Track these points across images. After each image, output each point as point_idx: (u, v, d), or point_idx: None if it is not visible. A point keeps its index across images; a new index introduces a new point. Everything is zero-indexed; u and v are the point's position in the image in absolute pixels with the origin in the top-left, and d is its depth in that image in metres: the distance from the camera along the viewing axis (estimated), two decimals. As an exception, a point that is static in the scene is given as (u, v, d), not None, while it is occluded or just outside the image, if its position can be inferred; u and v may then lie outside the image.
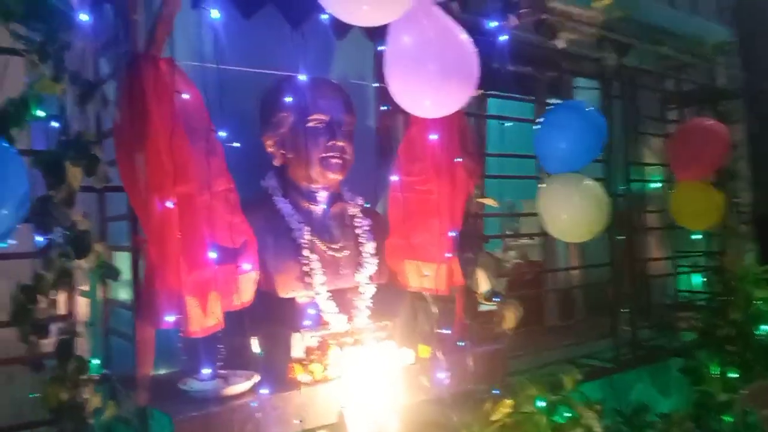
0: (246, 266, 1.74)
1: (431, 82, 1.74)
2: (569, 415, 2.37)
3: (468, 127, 2.37)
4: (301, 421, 1.70)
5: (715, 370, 3.24)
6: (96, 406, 1.38)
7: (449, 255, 2.09)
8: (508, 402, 2.27)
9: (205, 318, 1.57)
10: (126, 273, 1.68)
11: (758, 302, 3.50)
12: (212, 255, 1.61)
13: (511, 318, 2.34)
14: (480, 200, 2.49)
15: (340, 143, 2.00)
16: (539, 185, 2.63)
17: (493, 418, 2.24)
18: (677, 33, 3.29)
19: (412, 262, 2.13)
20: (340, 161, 2.00)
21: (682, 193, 3.22)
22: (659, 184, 3.72)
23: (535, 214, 2.64)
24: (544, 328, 3.40)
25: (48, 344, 1.41)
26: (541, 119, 2.63)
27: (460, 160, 2.20)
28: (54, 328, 1.42)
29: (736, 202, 3.81)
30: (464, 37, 1.79)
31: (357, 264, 2.05)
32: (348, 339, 1.93)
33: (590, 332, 3.31)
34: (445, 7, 1.85)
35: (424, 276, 2.10)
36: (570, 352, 3.14)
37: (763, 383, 3.21)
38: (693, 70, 3.78)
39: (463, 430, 2.21)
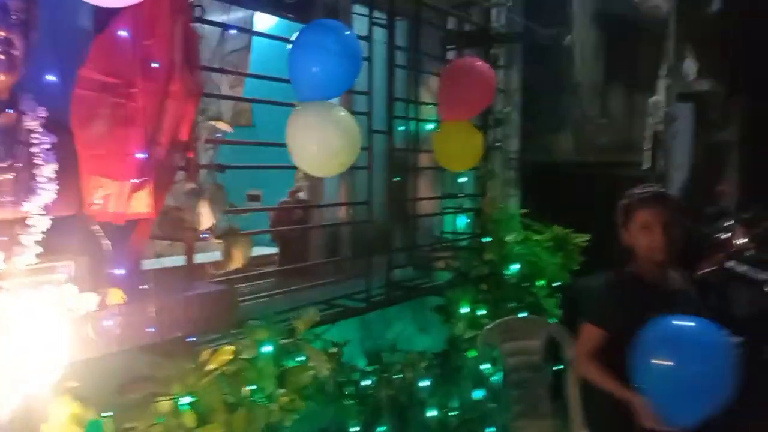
0: None
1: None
2: (300, 359, 2.24)
3: (195, 37, 2.03)
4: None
5: (465, 308, 3.34)
6: None
7: (143, 178, 1.76)
8: (229, 348, 2.06)
9: None
10: None
11: (511, 244, 3.69)
12: None
13: (238, 257, 2.10)
14: (213, 123, 2.18)
15: (3, 34, 1.56)
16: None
17: (210, 367, 2.02)
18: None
19: (97, 179, 1.77)
20: (2, 57, 1.57)
21: (444, 133, 3.19)
22: (433, 124, 3.70)
23: (284, 145, 2.40)
24: (305, 268, 3.27)
25: None
26: (293, 39, 2.36)
27: (181, 71, 1.88)
28: None
29: (500, 147, 3.93)
30: None
31: (27, 190, 1.65)
32: (3, 283, 1.55)
33: (351, 272, 3.24)
34: None
35: (106, 197, 1.76)
36: (329, 293, 3.03)
37: (508, 319, 3.39)
38: (473, 10, 3.76)
39: (175, 382, 1.96)
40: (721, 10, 7.26)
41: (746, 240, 6.30)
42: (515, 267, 3.61)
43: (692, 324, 2.01)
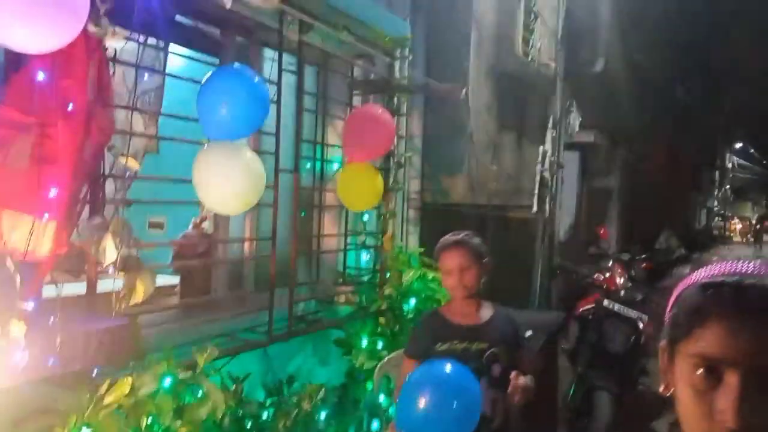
0: None
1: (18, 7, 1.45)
2: (199, 394, 2.30)
3: (108, 77, 2.11)
4: None
5: (364, 341, 3.50)
6: None
7: (55, 214, 1.81)
8: (127, 381, 2.09)
9: None
10: None
11: (410, 280, 3.90)
12: None
13: (141, 291, 2.15)
14: (122, 160, 2.24)
15: None
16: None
17: (108, 399, 2.05)
18: (360, 20, 3.42)
19: (10, 213, 1.80)
20: None
21: (346, 174, 3.38)
22: (338, 165, 3.89)
23: (189, 181, 2.49)
24: (207, 301, 3.30)
25: None
26: (203, 81, 2.48)
27: (94, 110, 1.95)
28: None
29: (401, 188, 4.17)
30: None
31: (-74, 222, 1.66)
32: None
33: (254, 305, 3.31)
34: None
35: (19, 232, 1.79)
36: (232, 325, 3.09)
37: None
38: (379, 61, 4.02)
39: (71, 414, 1.97)
40: (603, 69, 8.07)
41: (623, 280, 6.93)
42: (413, 302, 3.82)
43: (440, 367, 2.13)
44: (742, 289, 0.83)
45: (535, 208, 6.24)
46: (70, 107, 1.88)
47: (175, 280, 4.19)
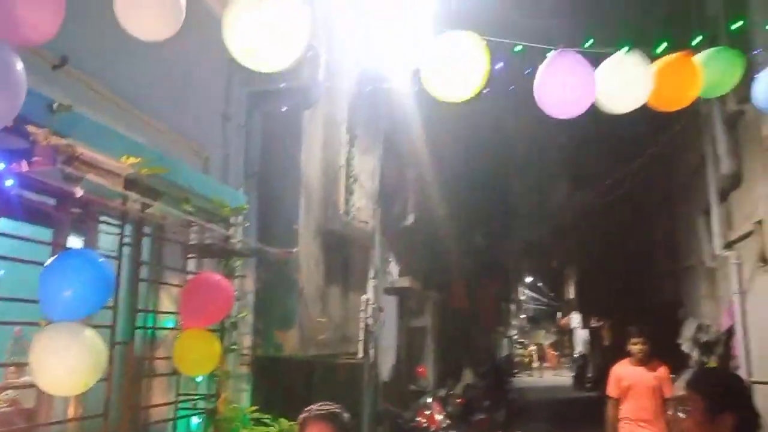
0: None
1: None
2: None
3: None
4: None
5: None
6: None
7: None
8: None
9: None
10: None
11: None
12: None
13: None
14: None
15: None
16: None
17: None
18: (200, 194, 3.67)
19: None
20: None
21: (184, 341, 3.44)
22: (173, 332, 3.89)
23: (25, 364, 2.42)
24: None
25: None
26: (48, 263, 2.51)
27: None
28: None
29: (235, 348, 4.26)
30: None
31: None
32: None
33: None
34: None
35: None
36: None
37: None
38: (216, 225, 4.23)
39: None
40: (413, 223, 9.05)
41: (442, 417, 7.37)
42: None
43: None
44: None
45: (360, 354, 6.57)
46: None
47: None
